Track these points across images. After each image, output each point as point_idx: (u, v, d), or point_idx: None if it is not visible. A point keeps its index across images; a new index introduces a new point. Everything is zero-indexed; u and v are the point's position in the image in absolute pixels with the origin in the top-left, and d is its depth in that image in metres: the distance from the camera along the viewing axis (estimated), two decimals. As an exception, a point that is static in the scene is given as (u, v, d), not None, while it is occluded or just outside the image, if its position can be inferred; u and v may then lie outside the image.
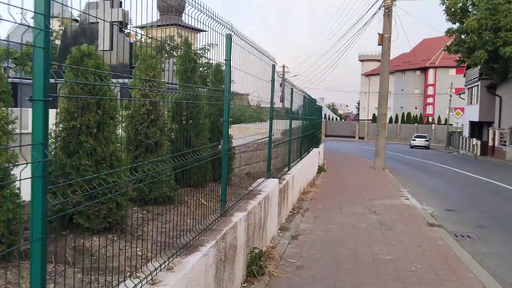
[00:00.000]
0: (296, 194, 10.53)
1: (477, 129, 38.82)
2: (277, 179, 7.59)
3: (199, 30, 4.84)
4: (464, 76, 43.13)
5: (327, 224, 8.67)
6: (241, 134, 6.86)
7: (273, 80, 7.36)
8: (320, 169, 17.51)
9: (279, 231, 7.64)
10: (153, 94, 4.60)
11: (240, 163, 8.81)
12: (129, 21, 8.30)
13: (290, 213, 9.25)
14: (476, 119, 37.66)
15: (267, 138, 7.51)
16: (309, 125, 15.54)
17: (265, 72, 6.99)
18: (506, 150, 30.44)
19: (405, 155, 32.55)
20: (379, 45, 20.31)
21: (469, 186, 16.54)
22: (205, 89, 5.94)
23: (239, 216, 4.80)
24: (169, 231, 4.09)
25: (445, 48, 30.62)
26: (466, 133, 41.40)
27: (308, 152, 15.14)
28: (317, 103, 20.84)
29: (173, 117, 5.60)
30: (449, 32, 29.19)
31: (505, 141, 31.38)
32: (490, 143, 33.67)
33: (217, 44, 5.45)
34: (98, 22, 8.81)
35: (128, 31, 10.02)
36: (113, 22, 8.68)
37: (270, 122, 7.39)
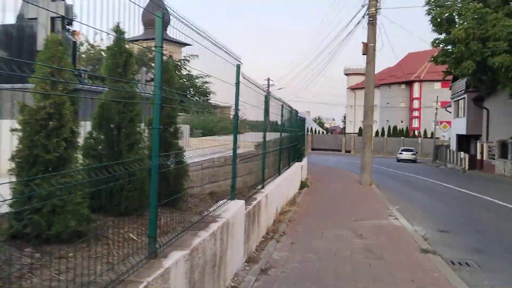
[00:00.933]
0: (271, 215, 9.28)
1: (464, 142, 37.99)
2: (243, 201, 6.35)
3: (184, 44, 4.34)
4: (450, 89, 42.50)
5: (305, 252, 7.42)
6: (206, 147, 5.69)
7: (237, 83, 6.17)
8: (303, 185, 16.34)
9: (246, 263, 6.36)
10: (56, 92, 3.37)
11: (203, 181, 7.57)
12: (73, 17, 7.06)
13: (263, 239, 7.99)
14: (463, 132, 36.88)
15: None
16: (290, 137, 14.37)
17: (227, 72, 5.81)
18: (495, 164, 29.61)
19: (392, 169, 31.57)
20: (363, 54, 19.33)
21: (461, 202, 15.48)
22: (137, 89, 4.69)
23: (175, 257, 3.55)
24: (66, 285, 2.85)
25: (432, 59, 29.73)
26: (453, 146, 40.60)
27: (289, 167, 13.94)
28: (299, 115, 19.68)
29: (99, 125, 4.36)
30: (436, 42, 28.35)
31: (493, 155, 30.55)
32: (479, 157, 32.83)
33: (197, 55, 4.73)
34: (36, 18, 7.59)
35: (73, 28, 8.79)
36: (54, 17, 7.46)
37: (234, 133, 6.18)
